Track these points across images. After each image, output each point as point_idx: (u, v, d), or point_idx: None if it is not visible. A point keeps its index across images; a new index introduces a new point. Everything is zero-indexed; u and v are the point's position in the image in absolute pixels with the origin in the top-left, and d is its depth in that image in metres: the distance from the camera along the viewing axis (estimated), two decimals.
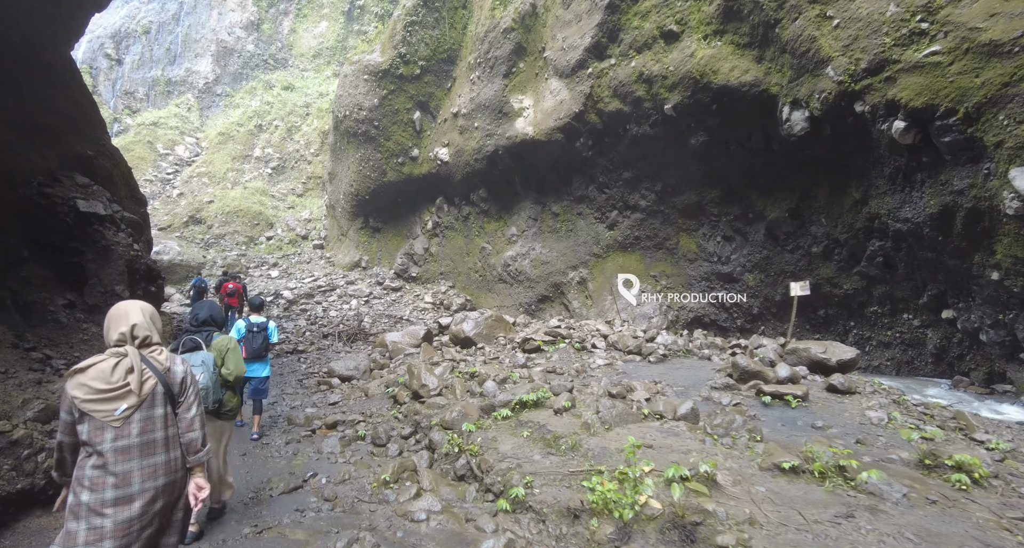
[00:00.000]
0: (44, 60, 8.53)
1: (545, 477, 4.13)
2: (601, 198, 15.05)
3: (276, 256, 23.34)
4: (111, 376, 2.33)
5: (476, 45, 16.77)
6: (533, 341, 8.02)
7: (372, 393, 7.71)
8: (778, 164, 11.39)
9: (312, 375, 9.84)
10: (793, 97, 9.94)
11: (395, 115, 19.17)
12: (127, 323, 2.49)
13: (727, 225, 13.05)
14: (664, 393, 6.15)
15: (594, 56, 13.57)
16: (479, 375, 6.97)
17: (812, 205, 11.18)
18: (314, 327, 14.31)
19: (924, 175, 8.19)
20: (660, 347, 7.43)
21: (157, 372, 2.46)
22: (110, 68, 38.21)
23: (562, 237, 16.23)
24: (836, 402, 5.99)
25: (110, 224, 8.45)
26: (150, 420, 2.40)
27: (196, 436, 2.58)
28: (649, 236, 14.41)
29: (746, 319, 13.10)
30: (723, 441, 4.64)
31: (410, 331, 9.31)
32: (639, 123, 13.10)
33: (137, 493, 2.30)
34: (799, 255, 11.79)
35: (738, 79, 10.89)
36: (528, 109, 15.49)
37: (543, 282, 16.42)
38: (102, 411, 2.29)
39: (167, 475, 2.42)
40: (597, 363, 7.36)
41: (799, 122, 9.96)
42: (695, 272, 13.68)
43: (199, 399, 2.66)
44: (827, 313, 11.66)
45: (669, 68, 11.97)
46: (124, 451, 2.30)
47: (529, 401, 5.55)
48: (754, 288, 12.77)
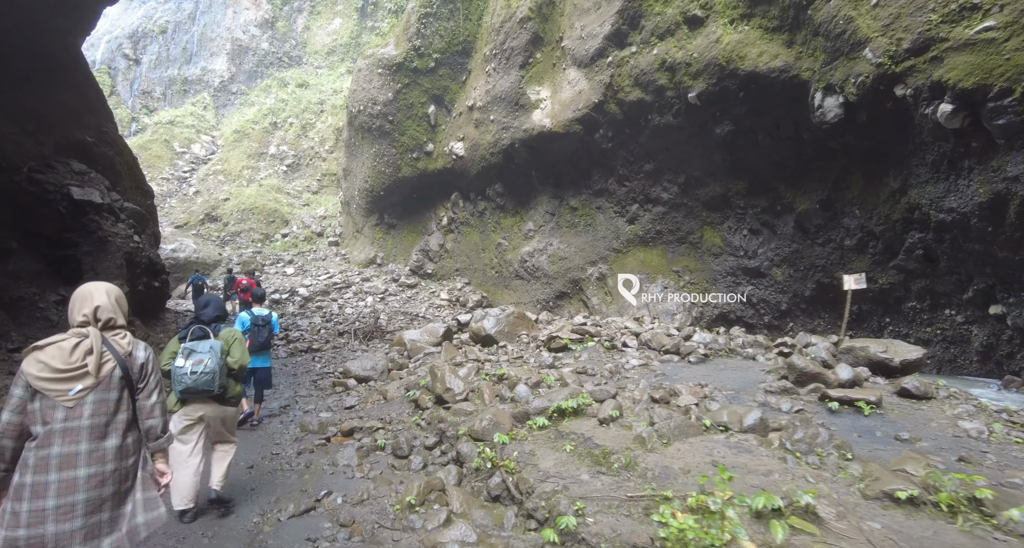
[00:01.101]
0: (47, 49, 8.21)
1: (598, 502, 3.56)
2: (621, 191, 14.63)
3: (291, 253, 23.28)
4: (70, 356, 2.30)
5: (492, 36, 16.42)
6: (559, 339, 7.59)
7: (391, 396, 7.25)
8: (808, 153, 10.89)
9: (327, 375, 9.50)
10: (826, 82, 9.44)
11: (409, 109, 18.91)
12: (90, 304, 2.46)
13: (754, 218, 12.56)
14: (713, 398, 5.61)
15: (614, 44, 13.14)
16: (508, 378, 6.46)
17: (845, 196, 10.66)
18: (329, 325, 14.07)
19: (972, 161, 7.67)
20: (699, 346, 6.89)
21: (117, 356, 2.41)
22: (128, 68, 38.56)
23: (580, 232, 15.85)
24: (914, 409, 5.31)
25: (108, 214, 7.81)
26: (104, 403, 2.35)
27: (156, 423, 2.54)
28: (671, 230, 13.97)
29: (774, 315, 12.62)
30: (808, 460, 4.03)
31: (429, 329, 8.90)
32: (661, 113, 12.65)
33: (83, 477, 2.24)
34: (830, 248, 11.28)
35: (767, 65, 10.41)
36: (545, 100, 15.11)
37: (561, 278, 16.07)
38: (56, 390, 2.25)
39: (116, 460, 2.34)
40: (631, 363, 6.89)
41: (832, 108, 9.46)
42: (720, 267, 13.21)
43: (160, 386, 2.61)
44: (860, 309, 11.14)
45: (693, 55, 11.51)
46: (73, 432, 2.26)
47: (568, 408, 5.06)
48: (782, 283, 12.28)
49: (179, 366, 3.96)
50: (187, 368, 3.93)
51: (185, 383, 3.93)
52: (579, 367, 6.87)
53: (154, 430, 2.53)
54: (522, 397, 5.67)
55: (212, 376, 3.97)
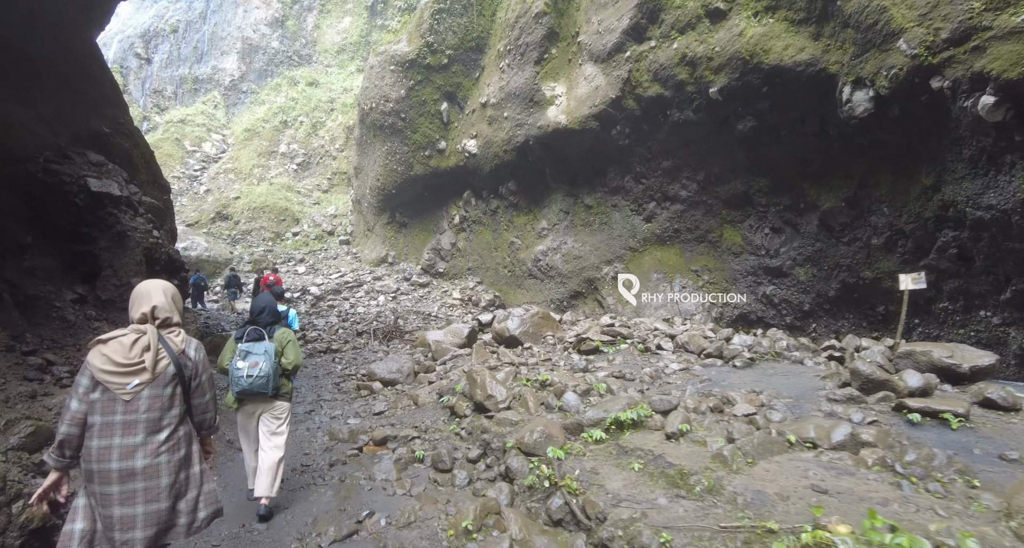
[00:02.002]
0: (62, 40, 7.95)
1: (686, 533, 3.10)
2: (638, 189, 14.36)
3: (303, 252, 23.18)
4: (129, 351, 2.42)
5: (506, 31, 16.19)
6: (590, 341, 7.26)
7: (423, 402, 6.83)
8: (834, 150, 10.58)
9: (349, 377, 9.18)
10: (855, 76, 9.13)
11: (422, 107, 18.71)
12: (148, 303, 2.59)
13: (776, 216, 12.25)
14: (772, 406, 5.08)
15: (632, 39, 12.87)
16: (553, 385, 6.02)
17: (872, 193, 10.34)
18: (347, 324, 13.86)
19: (1016, 156, 7.36)
20: (743, 349, 6.53)
21: (172, 353, 2.53)
22: (140, 67, 38.71)
23: (596, 231, 15.59)
24: (1006, 423, 4.64)
25: (126, 207, 7.39)
26: (158, 398, 2.46)
27: (208, 417, 2.72)
28: (690, 229, 13.68)
29: (796, 316, 12.31)
30: (927, 486, 3.47)
31: (453, 330, 8.62)
32: (681, 108, 12.38)
33: (140, 468, 2.37)
34: (856, 247, 10.96)
35: (792, 58, 10.12)
36: (561, 97, 14.86)
37: (575, 278, 15.82)
38: (116, 383, 2.38)
39: (169, 452, 2.46)
40: (671, 368, 6.53)
41: (862, 103, 9.15)
42: (740, 266, 12.92)
43: (212, 383, 2.75)
44: (887, 310, 10.82)
45: (715, 49, 11.23)
46: (131, 425, 2.39)
47: (627, 420, 4.62)
48: (805, 283, 11.97)
49: (237, 368, 4.19)
50: (244, 371, 4.17)
51: (242, 385, 4.17)
52: (615, 371, 6.49)
53: (206, 422, 2.72)
54: (572, 406, 5.28)
55: (266, 379, 4.19)
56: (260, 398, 4.35)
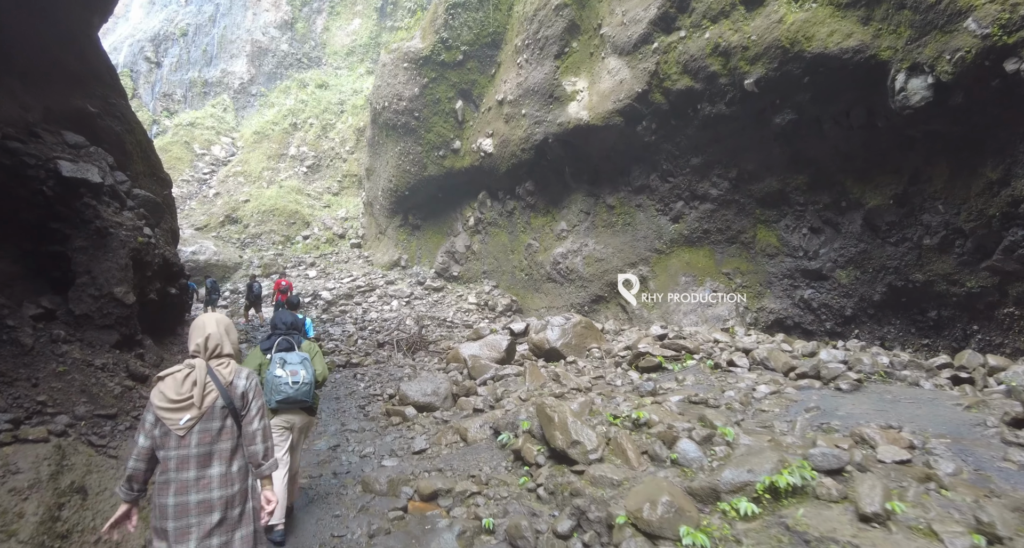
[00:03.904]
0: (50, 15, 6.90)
1: None
2: (664, 188, 13.68)
3: (313, 256, 22.68)
4: (181, 387, 2.44)
5: (524, 25, 15.59)
6: (651, 357, 6.15)
7: (473, 438, 5.59)
8: (882, 143, 9.87)
9: (375, 398, 8.13)
10: (912, 61, 8.43)
11: (436, 105, 18.15)
12: (202, 334, 2.59)
13: (814, 215, 11.53)
14: (930, 450, 3.81)
15: (660, 29, 12.23)
16: (651, 424, 4.60)
17: (926, 189, 9.60)
18: (364, 333, 13.03)
19: None
20: (842, 367, 5.45)
21: (220, 385, 2.50)
22: (149, 71, 38.61)
23: (618, 232, 14.92)
24: None
25: (110, 198, 6.00)
26: (207, 432, 2.45)
27: (258, 449, 2.57)
28: (720, 229, 12.98)
29: (836, 322, 11.56)
30: None
31: (489, 342, 7.62)
32: (712, 102, 11.70)
33: (193, 502, 2.37)
34: (905, 248, 10.22)
35: (838, 45, 9.42)
36: (582, 92, 14.23)
37: (597, 281, 15.15)
38: (170, 419, 2.40)
39: (221, 488, 2.43)
40: (759, 390, 5.35)
41: (919, 91, 8.44)
42: (775, 269, 12.19)
43: (263, 412, 2.65)
44: (940, 315, 10.06)
45: (751, 37, 10.55)
46: (184, 460, 2.40)
47: (785, 486, 3.25)
48: (847, 286, 11.23)
49: (279, 376, 3.94)
50: (287, 378, 3.93)
51: (287, 393, 3.91)
52: (690, 394, 5.31)
53: (256, 456, 2.56)
54: (692, 459, 3.93)
55: (310, 387, 4.04)
56: (297, 410, 4.17)
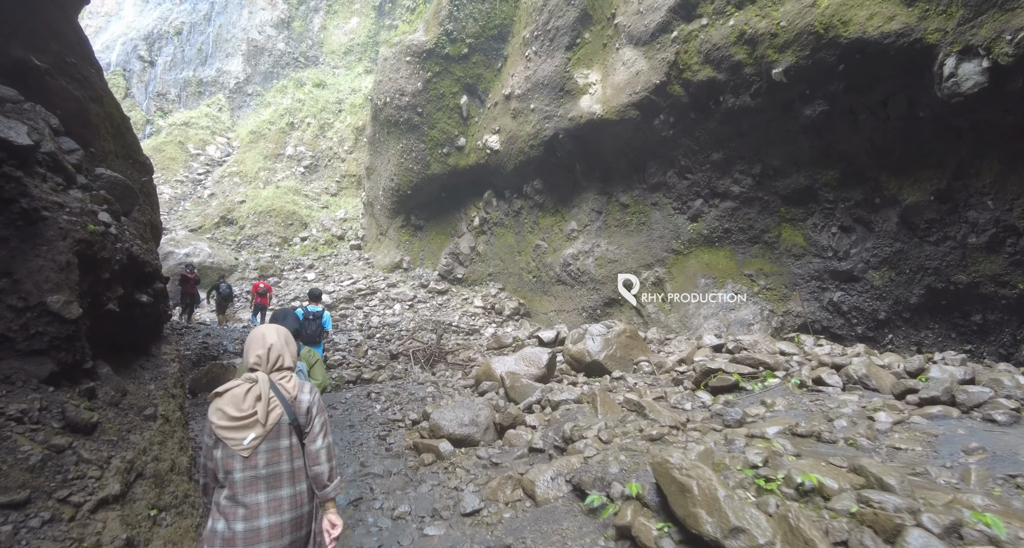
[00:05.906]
0: None
1: None
2: (682, 185, 13.02)
3: (312, 258, 21.93)
4: (243, 403, 2.29)
5: (533, 16, 14.93)
6: (724, 374, 5.14)
7: (543, 496, 4.16)
8: (924, 135, 9.21)
9: (396, 425, 6.88)
10: (964, 44, 7.79)
11: (440, 100, 17.46)
12: (263, 345, 2.46)
13: (845, 213, 10.87)
14: None
15: (680, 17, 11.58)
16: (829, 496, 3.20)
17: (972, 185, 8.96)
18: (374, 341, 12.00)
19: None
20: (988, 391, 4.27)
21: (284, 401, 2.35)
22: (143, 70, 37.86)
23: (632, 232, 14.25)
24: None
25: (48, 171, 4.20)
26: (275, 452, 2.30)
27: (323, 469, 2.39)
28: (742, 228, 12.31)
29: (868, 326, 10.90)
30: None
31: (527, 356, 6.37)
32: (736, 93, 11.05)
33: (264, 527, 2.23)
34: (947, 247, 9.56)
35: (878, 29, 8.77)
36: (595, 85, 13.57)
37: (610, 284, 14.46)
38: (233, 439, 2.25)
39: (292, 509, 2.31)
40: (881, 420, 4.20)
41: (971, 76, 7.80)
42: (802, 270, 11.53)
43: (326, 429, 2.46)
44: (985, 319, 9.41)
45: (780, 23, 9.91)
46: (252, 482, 2.25)
47: None
48: (881, 288, 10.56)
49: None
50: None
51: None
52: (790, 424, 4.26)
53: (321, 477, 2.40)
54: None
55: None
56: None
